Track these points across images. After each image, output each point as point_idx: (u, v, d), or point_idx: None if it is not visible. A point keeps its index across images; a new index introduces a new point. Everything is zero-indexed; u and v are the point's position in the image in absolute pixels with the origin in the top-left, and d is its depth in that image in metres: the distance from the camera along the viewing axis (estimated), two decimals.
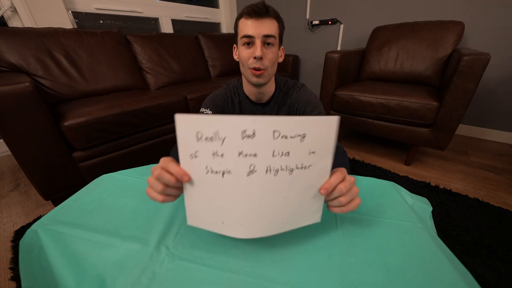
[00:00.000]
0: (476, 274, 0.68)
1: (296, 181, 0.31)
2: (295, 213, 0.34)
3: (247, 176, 0.30)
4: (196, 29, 2.49)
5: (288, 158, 0.30)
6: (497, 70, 1.47)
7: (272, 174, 0.30)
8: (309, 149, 0.29)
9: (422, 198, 0.55)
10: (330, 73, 1.40)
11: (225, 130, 0.28)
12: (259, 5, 0.55)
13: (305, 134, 0.28)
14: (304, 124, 0.28)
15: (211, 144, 0.29)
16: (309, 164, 0.30)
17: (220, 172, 0.31)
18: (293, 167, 0.30)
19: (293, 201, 0.33)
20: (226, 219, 0.34)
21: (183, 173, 0.31)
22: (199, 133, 0.29)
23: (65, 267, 0.34)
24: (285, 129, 0.28)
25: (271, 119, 0.28)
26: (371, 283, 0.31)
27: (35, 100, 0.83)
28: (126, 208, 0.47)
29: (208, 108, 0.69)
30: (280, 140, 0.28)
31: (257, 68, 0.59)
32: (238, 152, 0.29)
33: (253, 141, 0.28)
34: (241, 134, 0.28)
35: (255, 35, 0.56)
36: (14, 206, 1.08)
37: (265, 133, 0.28)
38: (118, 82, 1.45)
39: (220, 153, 0.29)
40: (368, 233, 0.40)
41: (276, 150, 0.29)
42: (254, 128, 0.28)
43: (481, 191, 1.08)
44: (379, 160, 1.40)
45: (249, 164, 0.30)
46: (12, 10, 1.36)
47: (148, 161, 1.29)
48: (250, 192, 0.32)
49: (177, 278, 0.33)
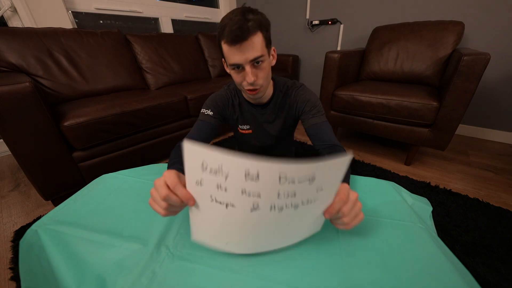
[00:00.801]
0: (476, 274, 0.68)
1: (301, 213, 0.31)
2: (298, 233, 0.36)
3: (250, 212, 0.30)
4: (196, 29, 2.49)
5: (294, 198, 0.29)
6: (497, 70, 1.47)
7: (277, 211, 0.30)
8: (317, 187, 0.28)
9: (422, 198, 0.55)
10: (330, 73, 1.40)
11: (228, 167, 0.27)
12: (237, 30, 0.48)
13: (315, 177, 0.27)
14: (314, 169, 0.26)
15: (215, 177, 0.28)
16: (315, 199, 0.30)
17: (224, 204, 0.30)
18: (298, 203, 0.29)
19: (297, 227, 0.34)
20: (230, 241, 0.35)
21: (189, 197, 0.31)
22: (204, 163, 0.28)
23: (66, 266, 0.34)
24: (292, 175, 0.26)
25: (276, 165, 0.25)
26: (371, 283, 0.31)
27: (35, 100, 0.83)
28: (126, 208, 0.47)
29: (209, 108, 0.69)
30: (286, 184, 0.27)
31: (251, 89, 0.59)
32: (241, 190, 0.28)
33: (256, 184, 0.27)
34: (244, 174, 0.27)
35: (242, 63, 0.53)
36: (14, 206, 1.08)
37: (270, 177, 0.26)
38: (118, 82, 1.45)
39: (224, 187, 0.29)
40: (368, 233, 0.40)
41: (282, 192, 0.28)
42: (257, 171, 0.26)
43: (481, 191, 1.08)
44: (379, 160, 1.40)
45: (252, 201, 0.29)
46: (12, 10, 1.36)
47: (148, 161, 1.29)
48: (253, 224, 0.32)
49: (177, 278, 0.33)
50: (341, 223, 0.34)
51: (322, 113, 0.66)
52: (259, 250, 0.37)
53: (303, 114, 0.68)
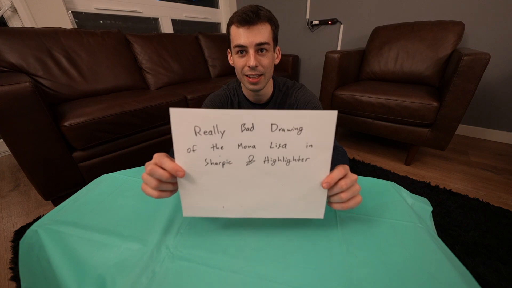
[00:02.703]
0: (476, 274, 0.68)
1: (293, 171, 0.32)
2: (294, 202, 0.35)
3: (246, 165, 0.32)
4: (196, 29, 2.49)
5: (285, 150, 0.31)
6: (497, 70, 1.47)
7: (270, 164, 0.32)
8: (306, 142, 0.30)
9: (422, 198, 0.55)
10: (330, 73, 1.40)
11: (224, 124, 0.29)
12: (249, 12, 0.52)
13: (302, 127, 0.29)
14: (301, 118, 0.29)
15: (210, 138, 0.30)
16: (306, 157, 0.31)
17: (220, 163, 0.32)
18: (290, 158, 0.31)
19: (291, 189, 0.34)
20: (226, 204, 0.36)
21: (178, 169, 0.31)
22: (197, 127, 0.30)
23: (66, 266, 0.34)
24: (282, 122, 0.29)
25: (269, 112, 0.29)
26: (371, 283, 0.31)
27: (35, 100, 0.83)
28: (126, 208, 0.48)
29: (208, 108, 0.69)
30: (277, 132, 0.30)
31: (252, 75, 0.59)
32: (238, 144, 0.31)
33: (252, 134, 0.30)
34: (241, 127, 0.29)
35: (247, 45, 0.54)
36: (14, 206, 1.08)
37: (264, 126, 0.29)
38: (118, 82, 1.45)
39: (220, 146, 0.31)
40: (368, 233, 0.40)
41: (274, 142, 0.30)
42: (253, 121, 0.29)
43: (481, 191, 1.08)
44: (379, 160, 1.40)
45: (248, 154, 0.31)
46: (12, 10, 1.36)
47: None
48: (249, 179, 0.33)
49: (177, 278, 0.33)
50: (338, 200, 0.33)
51: None
52: (256, 214, 0.36)
53: None
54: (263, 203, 0.35)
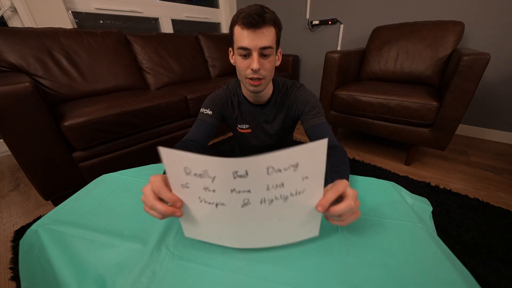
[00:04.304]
0: (476, 274, 0.68)
1: (291, 205, 0.31)
2: (291, 230, 0.35)
3: (241, 207, 0.30)
4: (196, 29, 2.49)
5: (283, 188, 0.29)
6: (497, 70, 1.47)
7: (267, 204, 0.30)
8: (302, 175, 0.29)
9: (422, 198, 0.55)
10: (330, 73, 1.40)
11: (214, 171, 0.27)
12: (255, 15, 0.51)
13: (298, 163, 0.27)
14: (295, 154, 0.27)
15: (201, 180, 0.28)
16: (303, 189, 0.30)
17: (214, 203, 0.31)
18: (287, 195, 0.30)
19: (288, 221, 0.34)
20: (223, 236, 0.36)
21: (176, 200, 0.31)
22: (187, 168, 0.28)
23: (66, 266, 0.34)
24: (278, 163, 0.27)
25: (263, 158, 0.26)
26: (371, 283, 0.31)
27: (35, 100, 0.83)
28: (126, 208, 0.47)
29: (208, 108, 0.69)
30: (274, 174, 0.27)
31: (254, 78, 0.58)
32: (231, 190, 0.29)
33: (246, 180, 0.28)
34: (233, 174, 0.27)
35: (251, 48, 0.54)
36: (14, 206, 1.08)
37: (259, 172, 0.27)
38: (118, 82, 1.45)
39: (212, 189, 0.29)
40: (368, 233, 0.40)
41: (271, 184, 0.28)
42: (246, 169, 0.27)
43: (481, 191, 1.08)
44: (379, 160, 1.40)
45: (242, 198, 0.29)
46: (12, 10, 1.36)
47: (148, 161, 1.29)
48: (245, 219, 0.32)
49: (177, 278, 0.33)
50: (336, 218, 0.33)
51: (322, 114, 0.67)
52: (254, 246, 0.36)
53: (303, 115, 0.68)
54: (260, 236, 0.35)
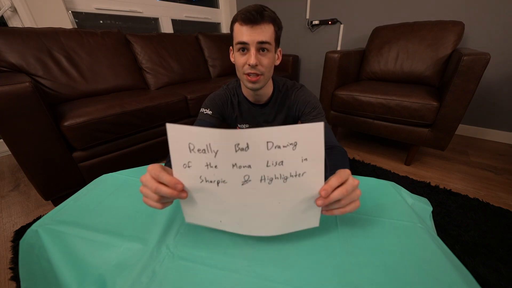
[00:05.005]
0: (476, 274, 0.68)
1: (290, 188, 0.31)
2: (291, 217, 0.35)
3: (241, 185, 0.30)
4: (196, 29, 2.49)
5: (282, 167, 0.29)
6: (497, 70, 1.47)
7: (267, 183, 0.30)
8: (301, 156, 0.29)
9: (422, 198, 0.55)
10: (330, 73, 1.40)
11: (217, 144, 0.28)
12: (254, 11, 0.53)
13: (297, 142, 0.28)
14: (295, 132, 0.28)
15: (204, 156, 0.29)
16: (303, 171, 0.30)
17: (215, 182, 0.31)
18: (287, 175, 0.30)
19: (288, 206, 0.33)
20: (223, 219, 0.35)
21: (176, 182, 0.31)
22: (191, 144, 0.28)
23: (66, 266, 0.34)
24: (278, 139, 0.27)
25: (264, 131, 0.27)
26: (370, 283, 0.31)
27: (35, 100, 0.83)
28: (126, 207, 0.48)
29: (208, 108, 0.69)
30: (273, 150, 0.28)
31: (252, 74, 0.59)
32: (232, 164, 0.29)
33: (247, 153, 0.28)
34: (235, 147, 0.27)
35: (249, 42, 0.55)
36: (14, 206, 1.08)
37: (259, 145, 0.28)
38: (118, 82, 1.45)
39: (214, 165, 0.29)
40: (368, 233, 0.40)
41: (270, 160, 0.29)
42: (247, 141, 0.27)
43: (481, 191, 1.08)
44: (379, 160, 1.40)
45: (243, 174, 0.30)
46: (12, 10, 1.36)
47: (148, 161, 1.29)
48: (245, 198, 0.32)
49: (177, 277, 0.33)
50: (337, 205, 0.33)
51: (322, 115, 0.67)
52: (254, 233, 0.36)
53: (303, 115, 0.68)
54: (260, 221, 0.35)
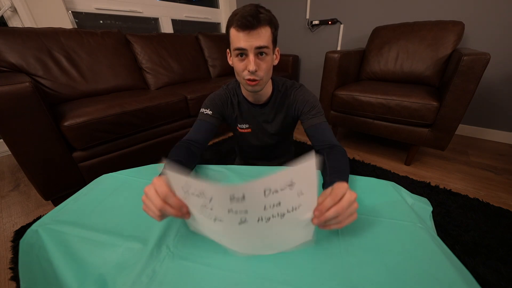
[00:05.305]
0: (476, 274, 0.68)
1: (287, 221, 0.31)
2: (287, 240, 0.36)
3: (238, 225, 0.31)
4: (196, 29, 2.49)
5: (280, 207, 0.29)
6: (497, 70, 1.47)
7: (264, 222, 0.30)
8: (297, 192, 0.28)
9: (422, 198, 0.55)
10: (330, 73, 1.40)
11: (211, 193, 0.28)
12: (249, 16, 0.51)
13: (293, 181, 0.27)
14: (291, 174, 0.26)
15: (199, 199, 0.29)
16: (298, 204, 0.30)
17: (212, 219, 0.31)
18: (284, 212, 0.30)
19: (285, 234, 0.34)
20: (222, 242, 0.36)
21: (182, 205, 0.33)
22: (184, 187, 0.29)
23: (66, 266, 0.34)
24: (275, 185, 0.26)
25: (260, 182, 0.26)
26: (370, 283, 0.31)
27: (35, 100, 0.83)
28: (126, 207, 0.48)
29: (208, 108, 0.69)
30: (271, 195, 0.27)
31: (251, 79, 0.58)
32: (228, 210, 0.29)
33: (243, 203, 0.27)
34: (229, 198, 0.27)
35: (247, 48, 0.54)
36: (14, 206, 1.08)
37: (256, 195, 0.27)
38: (118, 82, 1.45)
39: (209, 207, 0.30)
40: (368, 232, 0.40)
41: (268, 204, 0.28)
42: (243, 193, 0.26)
43: (481, 191, 1.08)
44: (379, 160, 1.40)
45: (239, 217, 0.29)
46: (12, 10, 1.36)
47: (148, 161, 1.29)
48: (243, 234, 0.33)
49: (177, 277, 0.33)
50: (333, 222, 0.33)
51: (322, 114, 0.67)
52: (252, 253, 0.37)
53: (303, 114, 0.68)
54: (258, 245, 0.36)
